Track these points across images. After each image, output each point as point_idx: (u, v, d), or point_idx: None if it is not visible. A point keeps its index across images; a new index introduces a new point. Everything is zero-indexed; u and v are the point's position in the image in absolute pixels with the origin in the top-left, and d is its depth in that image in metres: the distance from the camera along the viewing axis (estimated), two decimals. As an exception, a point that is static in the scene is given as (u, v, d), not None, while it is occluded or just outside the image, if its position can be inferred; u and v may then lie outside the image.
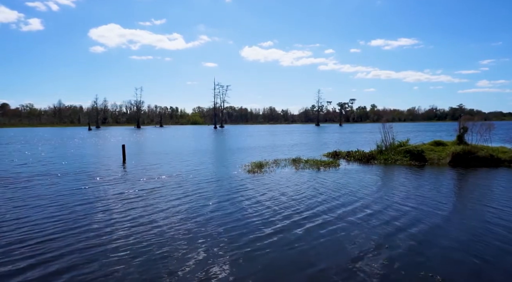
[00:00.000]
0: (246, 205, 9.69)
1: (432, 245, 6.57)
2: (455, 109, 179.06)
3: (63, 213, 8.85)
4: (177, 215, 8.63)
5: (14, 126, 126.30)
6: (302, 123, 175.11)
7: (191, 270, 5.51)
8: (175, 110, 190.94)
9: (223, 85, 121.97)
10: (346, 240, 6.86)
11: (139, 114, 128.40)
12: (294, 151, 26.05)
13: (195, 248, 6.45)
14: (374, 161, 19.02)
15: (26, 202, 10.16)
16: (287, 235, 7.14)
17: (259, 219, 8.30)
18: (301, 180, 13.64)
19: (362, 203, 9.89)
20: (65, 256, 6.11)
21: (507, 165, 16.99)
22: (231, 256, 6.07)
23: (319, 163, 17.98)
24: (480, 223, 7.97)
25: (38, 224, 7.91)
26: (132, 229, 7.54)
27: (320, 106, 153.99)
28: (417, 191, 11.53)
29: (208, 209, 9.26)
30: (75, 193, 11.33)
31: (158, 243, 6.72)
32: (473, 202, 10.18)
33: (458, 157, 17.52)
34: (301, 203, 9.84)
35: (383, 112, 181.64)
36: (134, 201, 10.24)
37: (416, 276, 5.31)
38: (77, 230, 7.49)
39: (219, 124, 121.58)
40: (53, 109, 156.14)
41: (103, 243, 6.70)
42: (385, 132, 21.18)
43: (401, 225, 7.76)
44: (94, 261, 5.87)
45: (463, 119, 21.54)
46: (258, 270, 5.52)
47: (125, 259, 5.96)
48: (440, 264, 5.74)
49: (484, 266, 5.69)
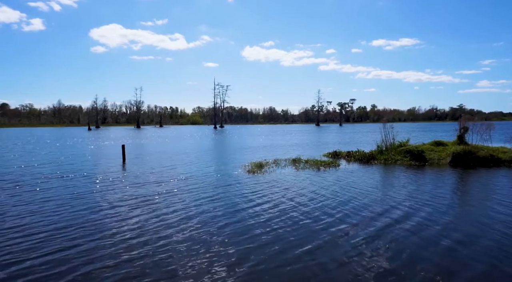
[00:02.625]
0: (246, 204, 9.67)
1: (432, 245, 6.54)
2: (455, 110, 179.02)
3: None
4: (177, 215, 8.62)
5: (14, 126, 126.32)
6: (302, 123, 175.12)
7: (192, 270, 5.50)
8: (175, 110, 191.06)
9: (223, 85, 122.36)
10: (346, 239, 6.84)
11: (138, 114, 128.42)
12: (294, 151, 26.02)
13: (196, 249, 6.43)
14: (374, 161, 18.99)
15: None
16: (287, 235, 7.12)
17: (258, 218, 8.29)
18: (301, 180, 13.61)
19: (362, 203, 9.87)
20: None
21: (507, 165, 16.97)
22: (231, 255, 6.05)
23: (319, 163, 17.96)
24: (480, 223, 7.95)
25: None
26: (134, 230, 7.54)
27: (320, 106, 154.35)
28: (417, 191, 11.51)
29: (209, 209, 9.25)
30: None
31: (158, 243, 6.70)
32: (474, 202, 10.16)
33: (459, 157, 17.50)
34: (301, 203, 9.81)
35: (383, 112, 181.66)
36: (135, 201, 10.24)
37: (416, 276, 5.29)
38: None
39: (219, 124, 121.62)
40: (52, 109, 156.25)
41: (105, 242, 6.70)
42: (385, 133, 21.17)
43: (401, 225, 7.74)
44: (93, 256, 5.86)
45: (464, 119, 21.49)
46: (255, 270, 5.51)
47: (127, 259, 5.95)
48: (440, 264, 5.72)
49: (484, 266, 5.67)
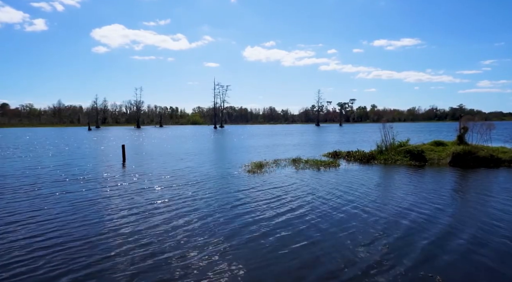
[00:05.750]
0: (246, 205, 9.67)
1: (432, 245, 6.54)
2: (455, 109, 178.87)
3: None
4: (177, 215, 8.63)
5: (14, 126, 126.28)
6: (302, 123, 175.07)
7: (194, 271, 5.51)
8: (175, 110, 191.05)
9: (223, 85, 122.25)
10: (346, 239, 6.84)
11: (138, 114, 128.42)
12: (294, 151, 26.02)
13: (196, 249, 6.44)
14: (374, 161, 18.99)
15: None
16: (287, 235, 7.12)
17: (258, 218, 8.29)
18: (301, 180, 13.60)
19: (362, 202, 9.86)
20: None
21: (507, 165, 16.96)
22: (232, 255, 6.06)
23: (319, 163, 17.96)
24: (481, 223, 7.94)
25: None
26: (135, 230, 7.54)
27: (320, 106, 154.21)
28: (417, 191, 11.50)
29: (209, 209, 9.25)
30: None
31: (159, 242, 6.72)
32: (474, 202, 10.15)
33: (458, 157, 17.49)
34: (301, 203, 9.81)
35: (383, 113, 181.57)
36: (136, 201, 10.25)
37: (416, 276, 5.28)
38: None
39: (219, 124, 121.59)
40: (52, 109, 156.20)
41: (106, 241, 6.72)
42: (385, 133, 21.17)
43: (401, 225, 7.74)
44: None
45: (464, 119, 21.50)
46: (259, 267, 5.52)
47: (129, 259, 5.96)
48: (440, 264, 5.72)
49: (484, 267, 5.67)
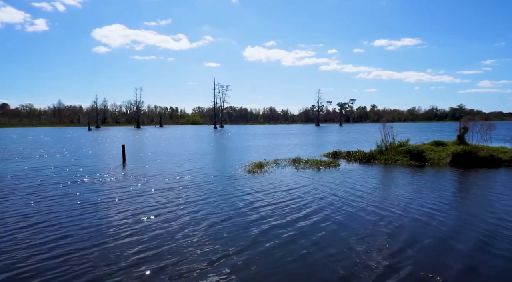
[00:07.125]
0: (246, 205, 9.67)
1: (432, 245, 6.54)
2: (455, 109, 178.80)
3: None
4: (177, 215, 8.63)
5: (14, 126, 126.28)
6: (302, 123, 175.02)
7: (196, 271, 5.51)
8: (175, 110, 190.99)
9: (223, 85, 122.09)
10: (346, 239, 6.84)
11: (138, 114, 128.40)
12: (294, 151, 26.02)
13: (197, 248, 6.44)
14: (374, 161, 18.99)
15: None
16: (287, 234, 7.12)
17: (257, 218, 8.29)
18: (301, 180, 13.60)
19: (362, 202, 9.86)
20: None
21: (508, 165, 16.95)
22: (232, 255, 6.06)
23: (319, 163, 17.95)
24: (481, 223, 7.94)
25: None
26: (136, 229, 7.54)
27: (320, 107, 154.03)
28: (417, 191, 11.50)
29: (209, 209, 9.25)
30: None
31: (159, 242, 6.71)
32: (474, 202, 10.15)
33: (459, 157, 17.49)
34: (301, 203, 9.80)
35: (383, 112, 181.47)
36: (136, 202, 10.25)
37: (416, 276, 5.28)
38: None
39: (219, 125, 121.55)
40: (52, 109, 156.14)
41: (106, 241, 6.71)
42: (385, 133, 21.16)
43: (402, 225, 7.74)
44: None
45: (464, 119, 21.50)
46: (258, 270, 5.51)
47: (132, 258, 5.95)
48: (440, 264, 5.72)
49: (484, 267, 5.67)
